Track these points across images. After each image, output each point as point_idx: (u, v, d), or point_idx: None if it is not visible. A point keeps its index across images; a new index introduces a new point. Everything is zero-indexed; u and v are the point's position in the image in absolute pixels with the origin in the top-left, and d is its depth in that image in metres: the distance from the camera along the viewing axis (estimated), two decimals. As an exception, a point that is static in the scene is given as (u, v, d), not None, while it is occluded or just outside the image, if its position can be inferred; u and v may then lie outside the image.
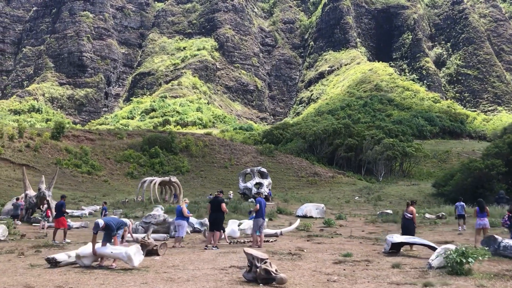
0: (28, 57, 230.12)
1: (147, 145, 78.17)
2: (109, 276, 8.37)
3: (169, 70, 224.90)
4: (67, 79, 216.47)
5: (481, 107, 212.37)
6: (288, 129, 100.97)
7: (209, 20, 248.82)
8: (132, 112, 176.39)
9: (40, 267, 10.05)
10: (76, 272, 9.07)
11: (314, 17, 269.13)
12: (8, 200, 43.43)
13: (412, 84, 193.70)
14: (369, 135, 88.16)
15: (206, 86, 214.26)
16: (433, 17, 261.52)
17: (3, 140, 62.17)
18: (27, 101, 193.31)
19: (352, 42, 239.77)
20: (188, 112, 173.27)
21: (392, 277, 8.20)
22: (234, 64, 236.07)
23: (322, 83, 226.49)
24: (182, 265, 9.82)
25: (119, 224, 10.50)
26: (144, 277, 8.27)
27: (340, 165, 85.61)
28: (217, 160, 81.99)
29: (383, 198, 55.91)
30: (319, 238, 17.59)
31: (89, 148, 71.05)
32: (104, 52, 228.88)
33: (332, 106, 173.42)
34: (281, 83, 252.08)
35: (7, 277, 8.62)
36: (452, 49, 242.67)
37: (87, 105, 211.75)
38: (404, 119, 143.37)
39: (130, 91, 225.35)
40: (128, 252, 9.01)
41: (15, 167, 56.45)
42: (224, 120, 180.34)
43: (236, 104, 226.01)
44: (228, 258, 11.10)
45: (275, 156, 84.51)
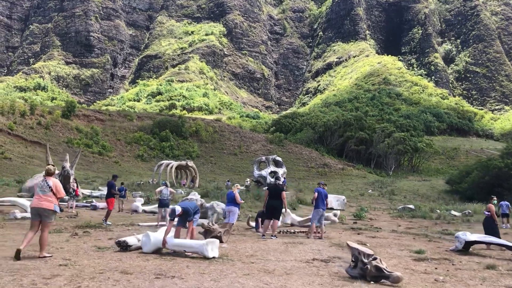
0: (35, 35, 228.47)
1: (157, 128, 77.58)
2: (201, 264, 7.82)
3: (176, 54, 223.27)
4: (73, 58, 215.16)
5: (488, 105, 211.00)
6: (297, 119, 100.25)
7: (218, 5, 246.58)
8: (139, 94, 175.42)
9: (108, 250, 9.52)
10: (162, 259, 8.52)
11: (324, 7, 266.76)
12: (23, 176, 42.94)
13: (420, 79, 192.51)
14: (380, 128, 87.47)
15: (213, 71, 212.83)
16: (444, 13, 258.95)
17: (15, 116, 61.55)
18: (33, 78, 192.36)
19: (362, 34, 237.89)
20: (194, 97, 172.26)
21: (502, 280, 7.67)
22: (242, 51, 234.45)
23: (330, 74, 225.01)
24: (260, 255, 9.28)
25: (195, 209, 9.97)
26: (237, 267, 7.72)
27: (349, 157, 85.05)
28: (226, 147, 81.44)
29: (397, 192, 55.41)
30: (365, 231, 17.07)
31: (99, 129, 70.46)
32: (111, 33, 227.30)
33: (339, 98, 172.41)
34: (288, 72, 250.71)
35: (88, 260, 8.08)
36: (461, 45, 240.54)
37: (93, 86, 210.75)
38: (412, 114, 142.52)
39: (136, 73, 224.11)
40: (206, 247, 8.44)
41: (27, 144, 55.90)
42: (230, 107, 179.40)
43: (242, 92, 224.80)
44: (300, 249, 10.55)
45: (284, 145, 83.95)
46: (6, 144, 52.81)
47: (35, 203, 8.66)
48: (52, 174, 8.92)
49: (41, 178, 9.17)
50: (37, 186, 8.80)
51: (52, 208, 8.68)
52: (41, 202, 8.56)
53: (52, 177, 8.93)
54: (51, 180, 8.80)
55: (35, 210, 8.62)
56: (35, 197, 8.75)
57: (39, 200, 8.59)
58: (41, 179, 8.88)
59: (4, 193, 28.68)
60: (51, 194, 8.64)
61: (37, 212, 8.56)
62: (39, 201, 8.58)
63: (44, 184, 8.70)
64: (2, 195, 27.25)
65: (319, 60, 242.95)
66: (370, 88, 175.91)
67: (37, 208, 8.58)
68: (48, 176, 8.85)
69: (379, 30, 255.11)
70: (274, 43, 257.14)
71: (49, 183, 8.71)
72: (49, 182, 8.72)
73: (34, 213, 8.62)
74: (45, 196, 8.60)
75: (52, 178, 8.94)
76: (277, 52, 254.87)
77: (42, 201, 8.55)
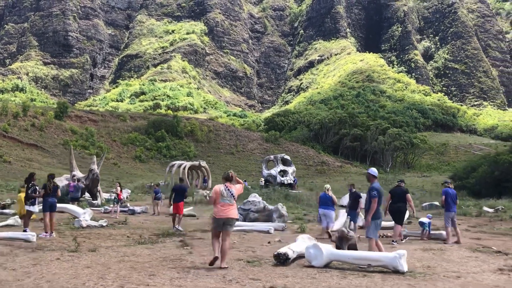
0: (10, 35, 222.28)
1: (152, 128, 76.01)
2: (409, 281, 6.96)
3: (157, 53, 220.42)
4: (51, 58, 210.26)
5: (467, 101, 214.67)
6: (289, 117, 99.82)
7: (199, 3, 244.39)
8: (121, 94, 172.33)
9: (263, 263, 8.56)
10: (356, 275, 7.58)
11: (304, 5, 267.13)
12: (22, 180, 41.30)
13: (403, 76, 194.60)
14: (374, 125, 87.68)
15: (195, 70, 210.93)
16: (422, 10, 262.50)
17: (8, 118, 59.20)
18: (11, 79, 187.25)
19: (343, 32, 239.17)
20: (179, 97, 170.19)
21: None
22: (224, 49, 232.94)
23: (312, 72, 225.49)
24: (444, 268, 8.47)
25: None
26: (453, 283, 6.90)
27: (345, 154, 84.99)
28: (223, 146, 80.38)
29: (403, 189, 55.33)
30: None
31: (94, 130, 68.49)
32: (90, 32, 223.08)
33: (324, 96, 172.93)
34: (269, 71, 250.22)
35: (280, 279, 7.12)
36: (440, 43, 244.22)
37: (72, 86, 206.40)
38: (398, 111, 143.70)
39: (116, 73, 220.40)
40: (399, 261, 7.50)
41: (24, 147, 53.78)
42: (215, 106, 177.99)
43: (224, 91, 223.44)
44: (466, 257, 9.73)
45: (280, 144, 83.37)
46: (2, 147, 50.69)
47: (221, 213, 8.29)
48: (231, 180, 8.54)
49: (222, 186, 8.49)
50: (220, 195, 8.36)
51: (237, 217, 8.55)
52: (227, 211, 8.28)
53: (232, 184, 8.54)
54: (234, 187, 8.50)
55: (221, 220, 8.27)
56: (218, 206, 8.33)
57: (225, 210, 8.29)
58: (223, 187, 8.45)
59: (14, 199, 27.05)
60: (234, 202, 8.41)
61: (223, 222, 8.26)
62: (225, 210, 8.29)
63: (228, 193, 8.36)
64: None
65: (301, 58, 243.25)
66: (354, 85, 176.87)
67: (223, 218, 8.26)
68: (229, 183, 8.51)
69: (359, 28, 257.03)
70: (255, 41, 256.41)
71: (232, 191, 8.40)
72: (232, 190, 8.41)
73: (220, 223, 8.28)
74: (230, 205, 8.32)
75: (234, 185, 8.56)
76: (258, 50, 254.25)
77: (228, 211, 8.29)
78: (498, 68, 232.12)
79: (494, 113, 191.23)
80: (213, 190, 8.57)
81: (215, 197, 8.33)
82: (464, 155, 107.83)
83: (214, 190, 8.46)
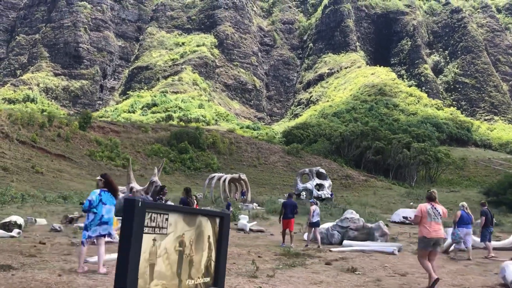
0: (21, 46, 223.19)
1: (174, 140, 75.11)
2: None
3: (168, 65, 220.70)
4: (62, 69, 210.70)
5: (478, 116, 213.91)
6: (308, 129, 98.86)
7: (209, 16, 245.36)
8: (133, 106, 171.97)
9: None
10: None
11: (314, 18, 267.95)
12: (62, 192, 40.11)
13: (414, 89, 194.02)
14: (396, 138, 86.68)
15: (206, 83, 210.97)
16: (431, 25, 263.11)
17: (34, 128, 58.44)
18: (22, 90, 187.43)
19: (352, 45, 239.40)
20: (190, 109, 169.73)
21: None
22: (233, 62, 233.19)
23: (322, 85, 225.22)
24: None
25: None
26: None
27: (368, 168, 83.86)
28: (245, 159, 79.38)
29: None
30: None
31: (118, 141, 67.65)
32: (100, 44, 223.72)
33: (336, 109, 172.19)
34: (278, 84, 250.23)
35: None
36: (449, 57, 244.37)
37: (82, 97, 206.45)
38: (412, 124, 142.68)
39: (126, 84, 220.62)
40: None
41: (53, 157, 52.88)
42: (226, 118, 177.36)
43: (234, 103, 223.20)
44: None
45: (302, 156, 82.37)
46: (32, 157, 49.82)
47: (432, 233, 8.02)
48: (435, 199, 8.32)
49: (428, 205, 7.91)
50: (427, 214, 8.12)
51: (445, 236, 8.51)
52: (439, 231, 8.08)
53: (438, 203, 8.29)
54: (439, 206, 8.28)
55: (432, 241, 8.02)
56: (426, 226, 8.05)
57: (435, 229, 8.06)
58: (429, 206, 8.24)
59: (64, 211, 26.01)
60: (441, 221, 8.19)
61: (433, 242, 8.02)
62: (436, 230, 8.07)
63: (435, 212, 8.14)
64: (67, 213, 24.65)
65: (310, 72, 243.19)
66: (366, 99, 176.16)
67: (434, 238, 8.03)
68: (435, 202, 8.29)
69: (368, 42, 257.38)
70: (264, 54, 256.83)
71: (439, 210, 8.18)
72: (439, 209, 8.18)
73: (430, 243, 8.00)
74: (438, 224, 8.13)
75: (440, 205, 8.30)
76: (267, 63, 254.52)
77: (439, 230, 8.09)
78: (508, 82, 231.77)
79: (507, 128, 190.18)
80: (418, 209, 8.30)
81: (421, 216, 8.17)
82: (484, 170, 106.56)
83: (420, 209, 8.22)
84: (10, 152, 47.28)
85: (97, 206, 8.08)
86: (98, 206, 8.09)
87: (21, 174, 42.72)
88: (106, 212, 8.14)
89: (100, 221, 8.04)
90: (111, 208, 8.24)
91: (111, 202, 8.27)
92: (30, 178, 42.81)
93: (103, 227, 8.06)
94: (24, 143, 52.25)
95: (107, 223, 8.11)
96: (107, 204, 8.19)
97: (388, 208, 45.21)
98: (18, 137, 52.00)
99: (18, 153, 48.41)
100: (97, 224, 8.02)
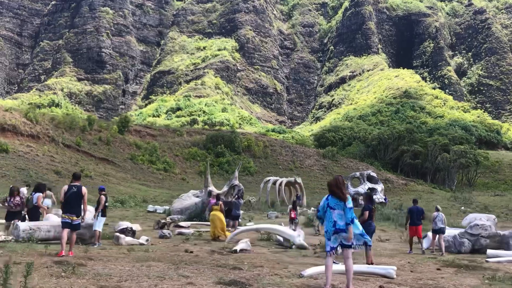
0: (45, 51, 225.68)
1: (210, 143, 74.51)
2: None
3: (189, 69, 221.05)
4: (85, 74, 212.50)
5: (503, 118, 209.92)
6: (339, 132, 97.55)
7: (230, 20, 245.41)
8: (158, 110, 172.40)
9: None
10: None
11: (334, 21, 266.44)
12: (117, 196, 39.58)
13: (439, 92, 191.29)
14: (432, 141, 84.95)
15: (228, 87, 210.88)
16: (453, 26, 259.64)
17: (76, 132, 58.27)
18: (47, 95, 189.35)
19: (374, 48, 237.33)
20: (214, 112, 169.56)
21: None
22: (254, 65, 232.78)
23: (344, 88, 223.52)
24: None
25: None
26: None
27: (405, 172, 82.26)
28: (280, 162, 78.44)
29: (490, 209, 52.54)
30: None
31: (157, 144, 67.25)
32: (122, 49, 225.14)
33: (361, 112, 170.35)
34: (299, 87, 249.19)
35: None
36: (473, 59, 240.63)
37: (105, 102, 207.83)
38: (441, 127, 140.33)
39: (148, 89, 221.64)
40: None
41: (98, 161, 52.57)
42: (250, 122, 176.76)
43: (255, 106, 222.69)
44: None
45: (338, 160, 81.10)
46: (79, 161, 49.55)
47: None
48: None
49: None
50: None
51: None
52: None
53: None
54: None
55: None
56: None
57: None
58: None
59: (137, 217, 25.30)
60: None
61: None
62: None
63: None
64: (125, 219, 23.92)
65: (332, 74, 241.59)
66: (392, 101, 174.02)
67: None
68: None
69: (390, 44, 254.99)
70: (284, 57, 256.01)
71: None
72: None
73: None
74: None
75: None
76: (288, 67, 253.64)
77: None
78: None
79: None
80: None
81: None
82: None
83: None
84: (58, 156, 47.02)
85: (325, 212, 7.19)
86: (327, 212, 7.20)
87: (73, 178, 42.36)
88: (338, 218, 7.24)
89: (334, 228, 7.14)
90: (341, 213, 7.33)
91: (340, 207, 7.36)
92: (82, 183, 42.37)
93: (341, 235, 7.15)
94: (69, 146, 52.02)
95: (344, 231, 7.20)
96: (337, 209, 7.30)
97: (446, 213, 43.61)
98: (63, 141, 51.80)
99: (65, 157, 48.14)
100: (333, 232, 7.12)
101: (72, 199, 10.82)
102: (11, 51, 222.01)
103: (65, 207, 10.92)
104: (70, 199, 10.84)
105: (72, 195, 10.85)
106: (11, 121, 46.76)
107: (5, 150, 40.66)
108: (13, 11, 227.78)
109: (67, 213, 10.81)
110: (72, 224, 10.82)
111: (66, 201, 10.86)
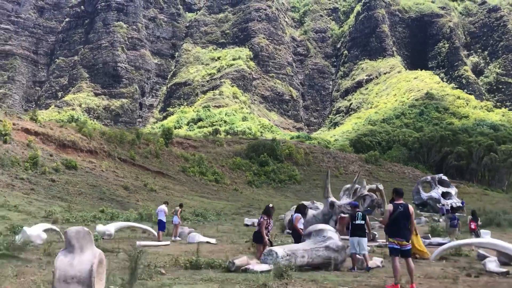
0: (61, 68, 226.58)
1: (253, 152, 73.18)
2: None
3: (205, 80, 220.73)
4: (102, 89, 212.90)
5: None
6: (376, 136, 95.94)
7: (243, 29, 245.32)
8: (179, 121, 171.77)
9: None
10: None
11: (346, 26, 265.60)
12: (184, 210, 38.21)
13: (461, 92, 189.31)
14: (474, 142, 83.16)
15: (244, 95, 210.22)
16: (467, 25, 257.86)
17: (126, 146, 57.16)
18: (66, 111, 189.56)
19: (389, 50, 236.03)
20: (235, 122, 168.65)
21: None
22: (269, 73, 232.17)
23: (361, 92, 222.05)
24: None
25: None
26: None
27: (450, 174, 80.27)
28: (323, 169, 76.77)
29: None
30: None
31: (204, 156, 66.00)
32: (138, 62, 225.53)
33: (383, 115, 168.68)
34: (314, 93, 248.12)
35: None
36: (490, 57, 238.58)
37: (123, 116, 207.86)
38: (469, 127, 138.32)
39: (166, 101, 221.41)
40: None
41: (154, 175, 51.33)
42: (271, 130, 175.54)
43: (272, 114, 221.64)
44: None
45: (382, 164, 79.44)
46: (138, 176, 48.31)
47: None
48: None
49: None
50: None
51: None
52: None
53: None
54: None
55: None
56: None
57: None
58: None
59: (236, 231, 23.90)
60: None
61: None
62: None
63: None
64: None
65: (347, 79, 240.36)
66: (414, 103, 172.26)
67: None
68: None
69: (404, 46, 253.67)
70: (298, 64, 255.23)
71: None
72: None
73: None
74: None
75: None
76: (302, 73, 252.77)
77: None
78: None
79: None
80: None
81: None
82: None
83: None
84: (119, 171, 45.87)
85: None
86: None
87: (140, 193, 41.10)
88: None
89: None
90: None
91: None
92: (149, 197, 41.18)
93: None
94: (125, 161, 50.87)
95: None
96: None
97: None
98: (119, 155, 50.66)
99: (125, 171, 47.00)
100: None
101: (399, 220, 9.11)
102: (28, 69, 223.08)
103: (391, 229, 9.15)
104: (397, 220, 9.14)
105: (399, 215, 9.15)
106: (70, 137, 45.69)
107: (73, 166, 39.56)
108: (29, 30, 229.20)
109: (395, 238, 9.07)
110: (401, 250, 9.07)
111: (393, 222, 9.15)
